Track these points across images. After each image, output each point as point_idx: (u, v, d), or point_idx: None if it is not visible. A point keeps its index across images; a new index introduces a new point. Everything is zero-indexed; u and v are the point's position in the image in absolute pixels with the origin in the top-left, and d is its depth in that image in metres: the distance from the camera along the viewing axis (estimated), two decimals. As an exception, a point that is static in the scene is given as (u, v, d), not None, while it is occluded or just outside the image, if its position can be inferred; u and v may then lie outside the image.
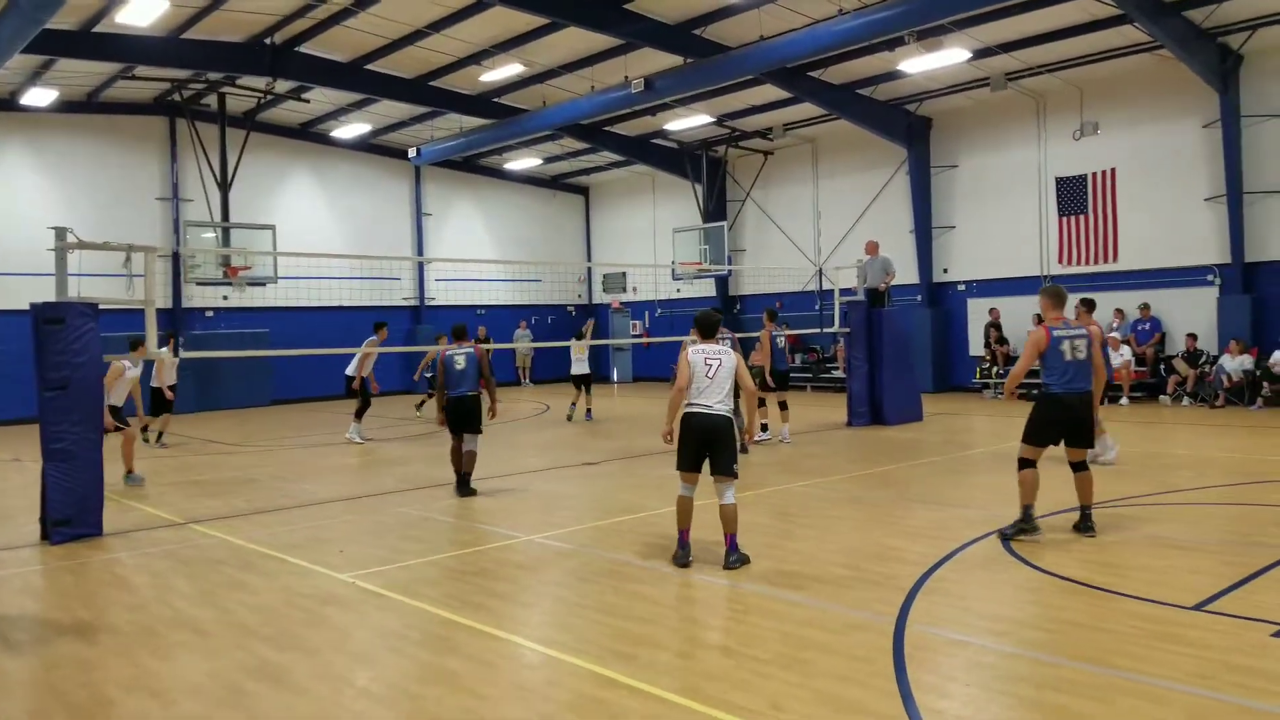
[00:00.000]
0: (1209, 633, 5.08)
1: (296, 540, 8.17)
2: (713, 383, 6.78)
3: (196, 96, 21.59)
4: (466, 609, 5.93)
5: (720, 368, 6.82)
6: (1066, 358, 7.18)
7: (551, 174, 30.22)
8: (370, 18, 17.29)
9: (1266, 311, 17.31)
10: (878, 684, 4.51)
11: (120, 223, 20.60)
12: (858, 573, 6.57)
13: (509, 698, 4.54)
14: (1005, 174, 20.97)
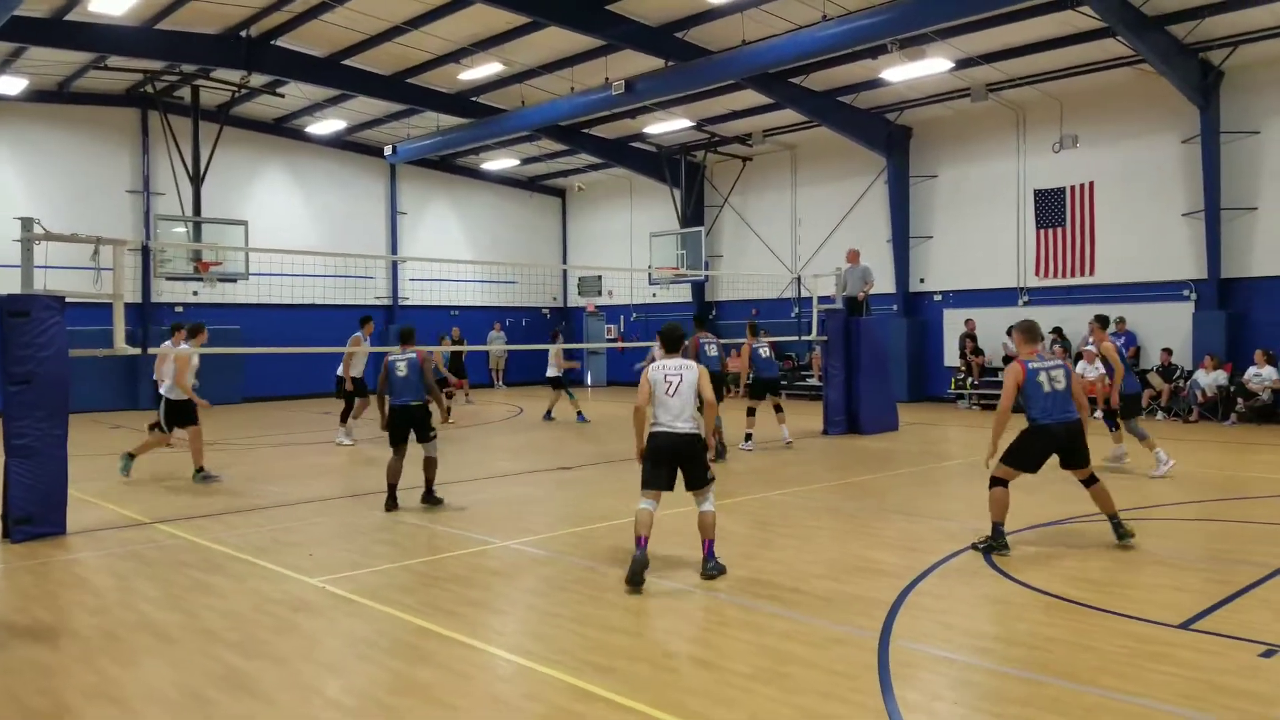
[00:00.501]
0: (1196, 652, 5.01)
1: (265, 543, 7.96)
2: (674, 399, 6.71)
3: (169, 88, 21.25)
4: (440, 616, 5.77)
5: (681, 383, 6.75)
6: (1045, 390, 7.18)
7: (529, 175, 30.05)
8: (348, 12, 17.08)
9: (1241, 328, 17.44)
10: (862, 701, 4.41)
11: (89, 215, 20.20)
12: (838, 585, 6.47)
13: (483, 710, 4.39)
14: (984, 185, 21.04)
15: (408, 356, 9.28)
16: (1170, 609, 5.74)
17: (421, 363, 9.29)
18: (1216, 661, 4.87)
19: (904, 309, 22.11)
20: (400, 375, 9.23)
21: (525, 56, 19.29)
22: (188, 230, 20.66)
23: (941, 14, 14.95)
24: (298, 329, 21.55)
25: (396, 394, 9.27)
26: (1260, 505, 9.02)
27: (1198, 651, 5.03)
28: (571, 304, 31.40)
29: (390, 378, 9.28)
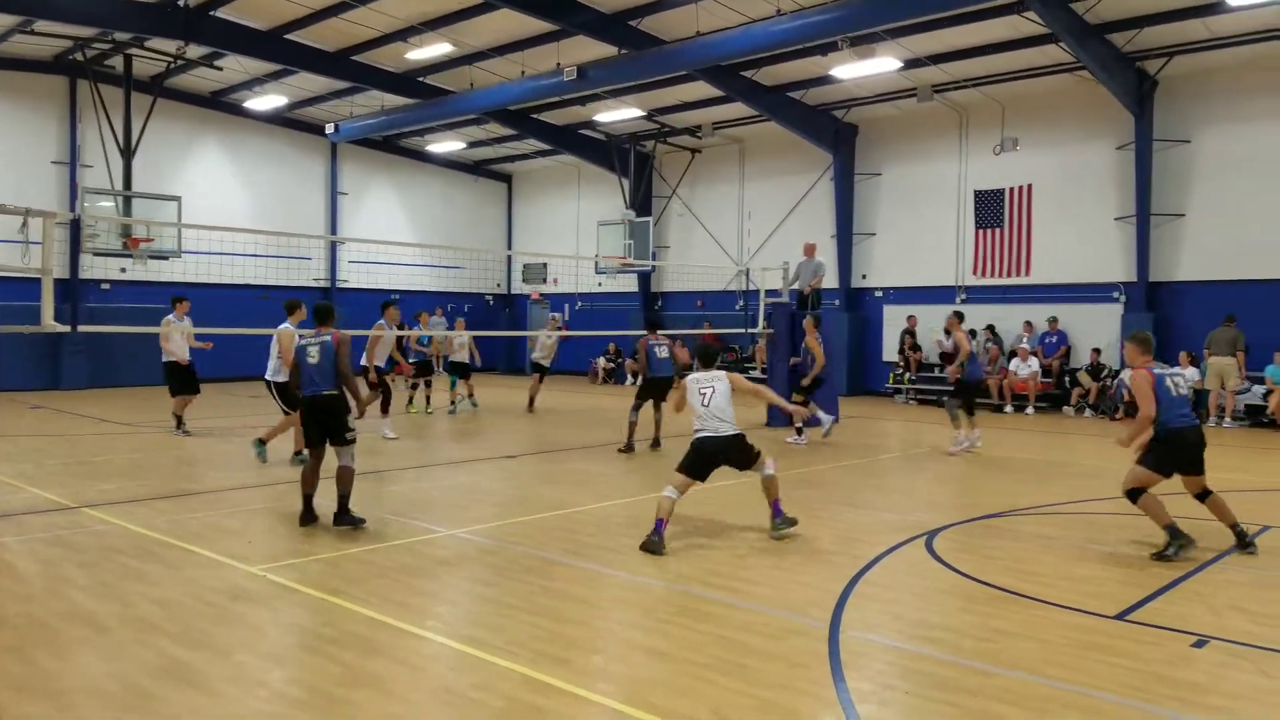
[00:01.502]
0: (1135, 643, 5.15)
1: (201, 529, 7.74)
2: (710, 409, 7.50)
3: (101, 57, 20.52)
4: (388, 606, 5.66)
5: (714, 395, 7.54)
6: (1174, 393, 7.24)
7: (475, 159, 29.70)
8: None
9: (1167, 329, 18.00)
10: (818, 691, 4.44)
11: (12, 185, 19.48)
12: (790, 575, 6.52)
13: (437, 703, 4.32)
14: (926, 184, 21.37)
15: (321, 339, 7.95)
16: (1108, 600, 5.89)
17: (337, 346, 7.92)
18: (1153, 652, 5.01)
19: (846, 304, 22.38)
20: (311, 361, 7.89)
21: (475, 38, 19.04)
22: (117, 204, 19.99)
23: (892, 13, 15.12)
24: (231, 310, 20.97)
25: (306, 383, 7.96)
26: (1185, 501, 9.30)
27: (1135, 642, 5.17)
28: (515, 291, 31.15)
29: (301, 365, 8.01)
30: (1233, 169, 17.31)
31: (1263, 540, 7.62)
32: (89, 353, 21.35)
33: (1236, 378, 16.06)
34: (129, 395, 19.95)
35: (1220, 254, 17.48)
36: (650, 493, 9.57)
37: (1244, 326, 16.20)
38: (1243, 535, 7.26)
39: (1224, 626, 5.40)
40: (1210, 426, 15.97)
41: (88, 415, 16.27)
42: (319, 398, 7.86)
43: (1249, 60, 16.93)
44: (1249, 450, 13.52)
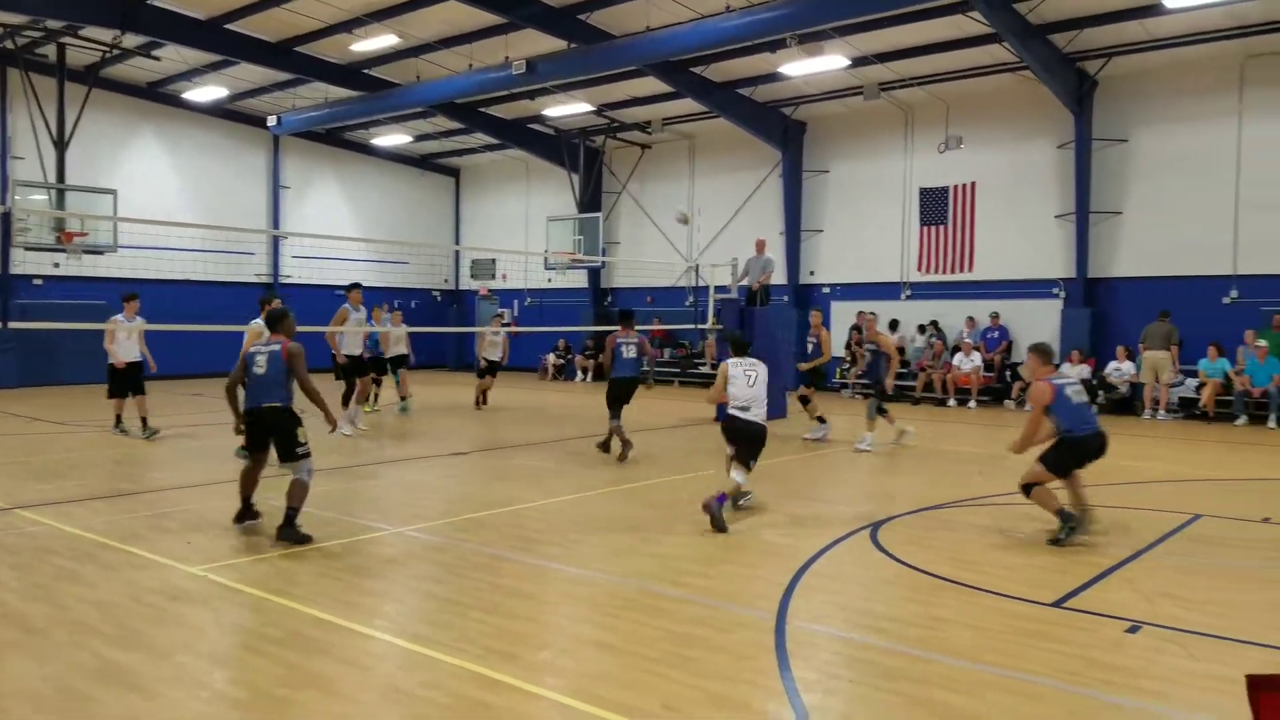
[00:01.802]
0: (1069, 629, 5.29)
1: (138, 529, 7.57)
2: (754, 392, 8.15)
3: (32, 45, 19.92)
4: (334, 606, 5.59)
5: (758, 380, 8.20)
6: (1074, 403, 7.52)
7: (421, 153, 29.41)
8: (235, -26, 16.36)
9: (1105, 325, 18.47)
10: (765, 682, 4.49)
11: (-60, 177, 18.85)
12: (737, 567, 6.58)
13: (385, 701, 4.28)
14: (873, 182, 21.63)
15: (270, 349, 7.35)
16: (1044, 588, 6.03)
17: (287, 358, 7.27)
18: (1088, 638, 5.14)
19: (794, 300, 22.57)
20: (258, 371, 7.28)
21: (422, 30, 18.84)
22: (49, 198, 19.46)
23: (839, 11, 15.28)
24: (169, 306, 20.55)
25: (251, 394, 7.33)
26: (1119, 491, 9.55)
27: (1071, 628, 5.31)
28: (464, 286, 30.92)
29: (248, 374, 7.36)
30: (1168, 168, 17.78)
31: (1191, 529, 7.87)
32: (20, 350, 20.74)
33: (1170, 371, 16.52)
34: (63, 394, 19.43)
35: (1155, 251, 17.96)
36: (600, 488, 9.60)
37: (1177, 321, 16.72)
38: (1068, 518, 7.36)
39: (1155, 612, 5.56)
40: (1145, 419, 16.46)
41: (20, 414, 15.83)
42: (263, 410, 7.24)
43: (1184, 62, 17.38)
44: (1181, 442, 13.91)
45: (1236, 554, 7.12)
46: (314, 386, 7.30)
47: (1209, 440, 14.07)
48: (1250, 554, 7.14)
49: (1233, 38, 16.27)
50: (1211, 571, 6.61)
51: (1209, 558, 6.96)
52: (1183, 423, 16.24)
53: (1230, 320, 16.81)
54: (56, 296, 21.43)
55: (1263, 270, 16.78)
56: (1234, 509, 8.72)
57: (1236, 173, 17.02)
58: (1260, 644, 5.06)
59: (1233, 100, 17.05)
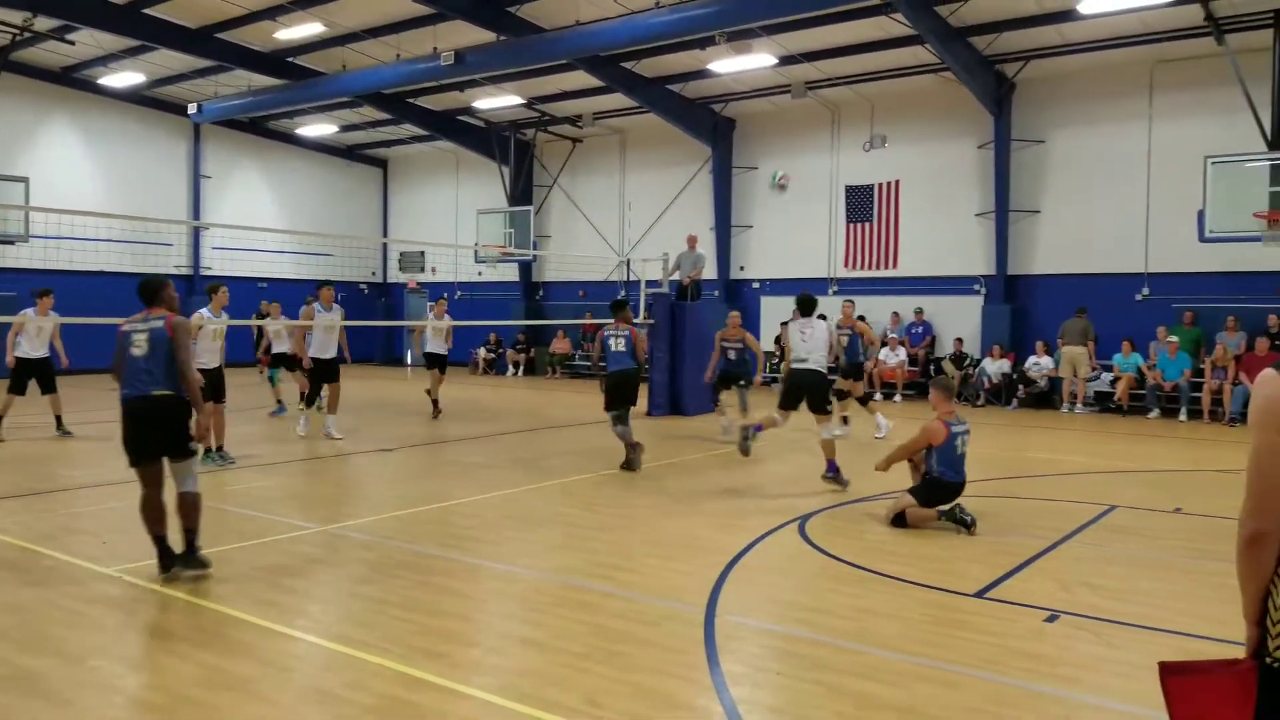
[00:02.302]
0: (990, 619, 5.42)
1: (51, 530, 7.33)
2: (808, 344, 9.25)
3: (-63, 26, 19.06)
4: (255, 606, 5.47)
5: (814, 333, 9.30)
6: (959, 450, 7.80)
7: (348, 144, 28.88)
8: (154, -43, 15.86)
9: (1024, 320, 18.99)
10: (693, 675, 4.51)
11: None
12: (665, 562, 6.60)
13: (307, 703, 4.20)
14: (800, 179, 21.88)
15: (150, 325, 6.07)
16: (966, 579, 6.17)
17: (171, 335, 6.00)
18: (1008, 627, 5.28)
19: (725, 295, 22.72)
20: (137, 353, 5.99)
21: (348, 18, 18.49)
22: (-44, 186, 18.68)
23: (767, 10, 15.43)
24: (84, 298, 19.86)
25: (129, 381, 6.00)
26: (1039, 483, 9.85)
27: (992, 618, 5.44)
28: (392, 280, 30.48)
29: (122, 357, 6.06)
30: (1083, 169, 18.36)
31: (1107, 519, 8.13)
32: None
33: (1087, 366, 17.05)
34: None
35: (1072, 249, 18.52)
36: (531, 484, 9.56)
37: (1093, 318, 17.27)
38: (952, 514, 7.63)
39: (1074, 601, 5.72)
40: (1063, 412, 16.97)
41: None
42: (146, 399, 5.93)
43: (1098, 66, 17.94)
44: (1098, 435, 14.37)
45: (1150, 544, 7.36)
46: (192, 370, 6.11)
47: (1123, 433, 14.54)
48: (1163, 544, 7.39)
49: (1144, 44, 16.84)
50: (1126, 561, 6.82)
51: (1124, 547, 7.19)
52: (1099, 416, 16.75)
53: (1143, 317, 17.43)
54: (-38, 288, 20.58)
55: (1172, 269, 17.42)
56: (1147, 500, 9.01)
57: (1147, 174, 17.65)
58: (1172, 631, 5.24)
59: (1143, 104, 17.66)
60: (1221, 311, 16.57)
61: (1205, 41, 15.89)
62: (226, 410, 10.78)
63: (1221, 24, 15.27)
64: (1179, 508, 8.64)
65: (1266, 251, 15.20)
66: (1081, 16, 15.56)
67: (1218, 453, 12.40)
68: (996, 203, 18.80)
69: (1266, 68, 15.31)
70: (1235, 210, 14.84)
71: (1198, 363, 16.28)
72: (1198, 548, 7.19)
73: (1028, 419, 16.18)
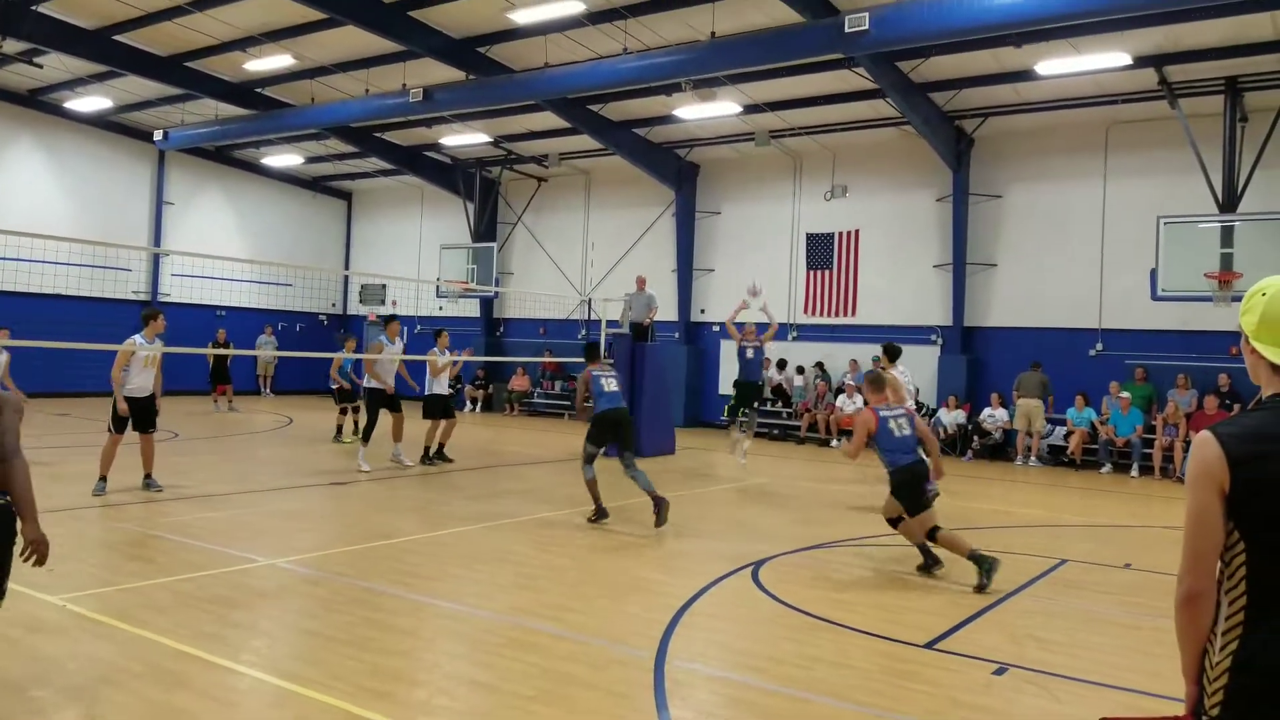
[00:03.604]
0: (940, 670, 5.46)
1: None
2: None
3: (-101, 44, 18.83)
4: (200, 640, 5.38)
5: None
6: (896, 435, 7.94)
7: (313, 175, 28.80)
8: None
9: (979, 372, 19.28)
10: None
11: None
12: (617, 605, 6.59)
13: (249, 741, 4.14)
14: (762, 225, 22.17)
15: None
16: (917, 630, 6.20)
17: None
18: (957, 679, 5.31)
19: (685, 337, 22.87)
20: None
21: (319, 52, 18.54)
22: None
23: (731, 60, 15.68)
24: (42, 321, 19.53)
25: None
26: (991, 535, 9.96)
27: (941, 669, 5.48)
28: (352, 311, 30.28)
29: None
30: (1039, 224, 18.77)
31: (1058, 573, 8.19)
32: None
33: (1042, 419, 17.20)
34: None
35: (1027, 302, 18.87)
36: (482, 522, 9.48)
37: (1047, 371, 17.47)
38: (981, 560, 7.38)
39: (1022, 655, 5.74)
40: (1017, 465, 17.08)
41: None
42: None
43: (1055, 125, 18.44)
44: (1051, 488, 14.50)
45: (1099, 599, 7.41)
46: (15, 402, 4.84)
47: (1076, 487, 14.66)
48: (1112, 599, 7.43)
49: (1099, 105, 17.35)
50: (1075, 615, 6.85)
51: (1073, 602, 7.22)
52: (1052, 469, 16.78)
53: (1096, 372, 17.70)
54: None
55: (1125, 325, 17.78)
56: (1098, 555, 9.11)
57: (1101, 231, 18.07)
58: (1118, 687, 5.25)
59: (1098, 163, 18.15)
60: (1173, 369, 16.88)
61: (1159, 105, 16.42)
62: (159, 439, 10.69)
63: (1175, 89, 15.82)
64: (1129, 563, 8.72)
65: (1217, 311, 15.49)
66: (1039, 77, 16.01)
67: (1168, 509, 12.54)
68: (954, 255, 19.16)
69: (1218, 132, 15.79)
70: (1187, 270, 15.12)
71: (1150, 419, 16.47)
72: (1146, 604, 7.24)
73: (982, 470, 16.35)
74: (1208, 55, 15.01)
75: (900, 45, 14.41)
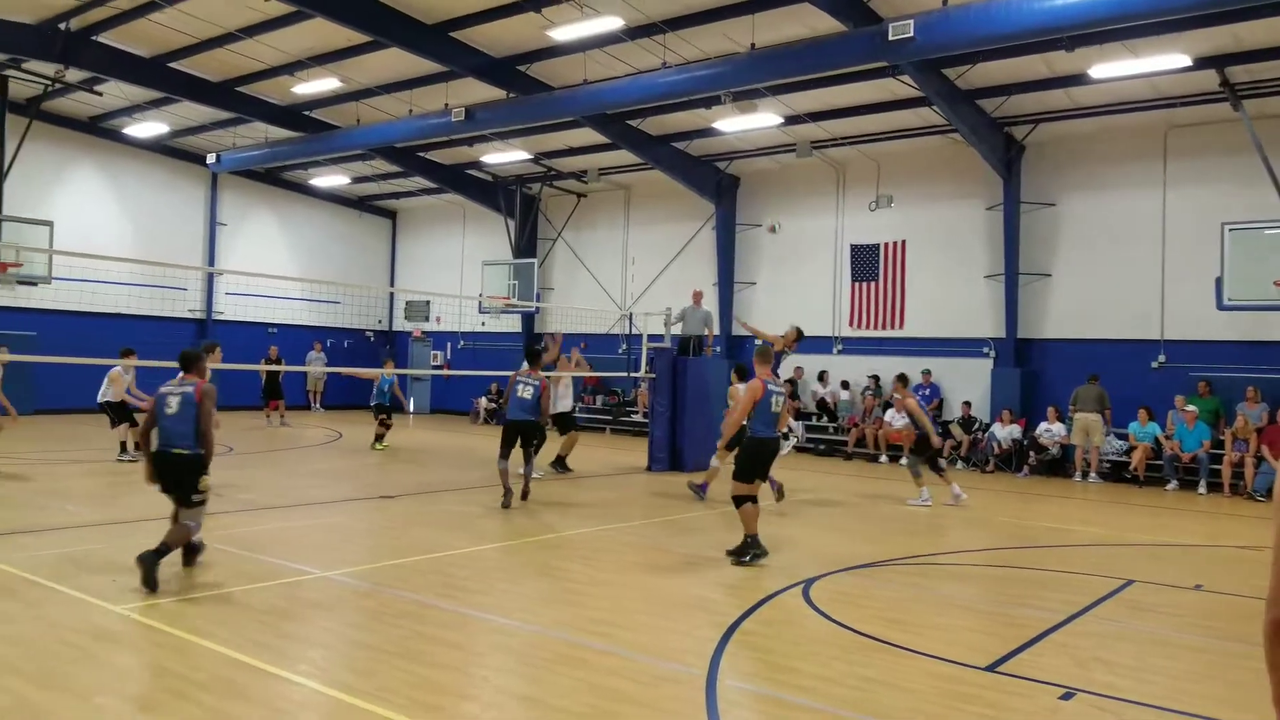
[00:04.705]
0: (1003, 694, 5.24)
1: (62, 565, 7.29)
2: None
3: (-28, 77, 19.53)
4: (257, 650, 5.42)
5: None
6: (772, 409, 8.59)
7: (359, 194, 29.22)
8: (178, 14, 16.21)
9: (1035, 385, 18.80)
10: (692, 740, 4.43)
11: None
12: (665, 621, 6.51)
13: (301, 757, 4.14)
14: (805, 237, 21.99)
15: (183, 389, 7.12)
16: (976, 651, 5.99)
17: (200, 400, 7.06)
18: (1021, 703, 5.09)
19: (727, 351, 22.73)
20: (169, 412, 7.04)
21: (364, 75, 18.81)
22: (-16, 228, 18.99)
23: (772, 72, 15.60)
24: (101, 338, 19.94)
25: (160, 437, 7.12)
26: (1051, 554, 9.72)
27: (1003, 693, 5.26)
28: (398, 328, 30.61)
29: (158, 415, 7.15)
30: (1096, 233, 18.24)
31: (1124, 594, 7.89)
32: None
33: (1102, 434, 16.63)
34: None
35: (1084, 314, 18.34)
36: (524, 537, 9.47)
37: (1106, 384, 16.82)
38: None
39: (1089, 679, 5.51)
40: (1076, 481, 16.44)
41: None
42: (169, 455, 7.02)
43: (1110, 130, 17.95)
44: (1113, 505, 13.94)
45: (1168, 621, 7.12)
46: (210, 432, 7.10)
47: (1140, 504, 14.04)
48: (1182, 621, 7.15)
49: (1156, 108, 16.86)
50: (1144, 638, 6.60)
51: (1142, 624, 6.96)
52: (1113, 486, 16.14)
53: (1158, 385, 17.11)
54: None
55: (1189, 336, 17.14)
56: (1166, 575, 8.76)
57: (1162, 240, 17.49)
58: (1192, 714, 5.02)
59: (1157, 169, 17.64)
60: (1240, 381, 16.23)
61: (1221, 107, 15.88)
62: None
63: (1238, 89, 15.28)
64: (1199, 584, 8.37)
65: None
66: (1092, 81, 15.65)
67: (1239, 528, 12.06)
68: (1006, 265, 18.78)
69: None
70: (1254, 278, 14.49)
71: (1217, 434, 15.86)
72: (1219, 627, 6.95)
73: (1039, 487, 15.90)
74: (1273, 54, 14.51)
75: (946, 52, 14.22)
